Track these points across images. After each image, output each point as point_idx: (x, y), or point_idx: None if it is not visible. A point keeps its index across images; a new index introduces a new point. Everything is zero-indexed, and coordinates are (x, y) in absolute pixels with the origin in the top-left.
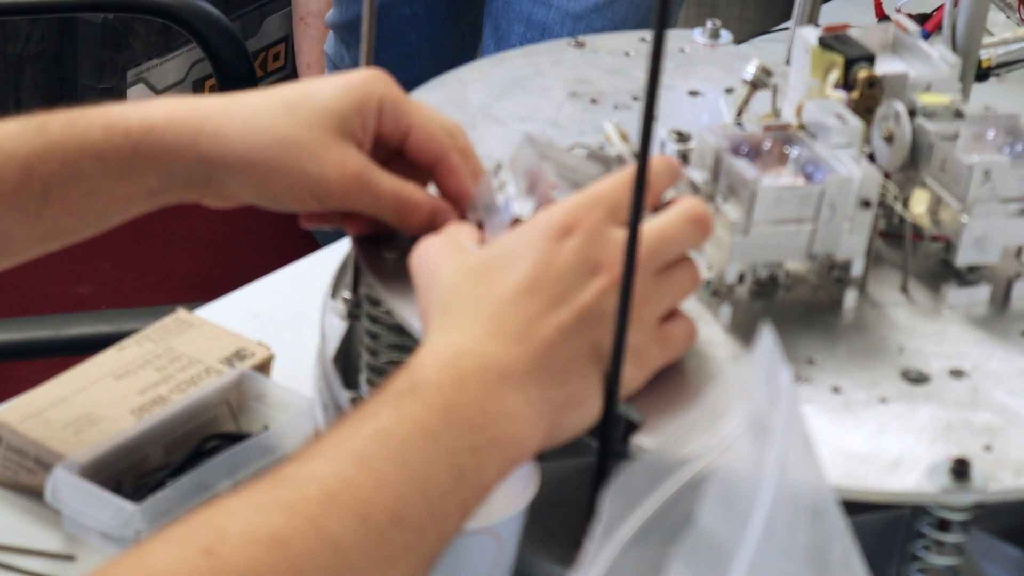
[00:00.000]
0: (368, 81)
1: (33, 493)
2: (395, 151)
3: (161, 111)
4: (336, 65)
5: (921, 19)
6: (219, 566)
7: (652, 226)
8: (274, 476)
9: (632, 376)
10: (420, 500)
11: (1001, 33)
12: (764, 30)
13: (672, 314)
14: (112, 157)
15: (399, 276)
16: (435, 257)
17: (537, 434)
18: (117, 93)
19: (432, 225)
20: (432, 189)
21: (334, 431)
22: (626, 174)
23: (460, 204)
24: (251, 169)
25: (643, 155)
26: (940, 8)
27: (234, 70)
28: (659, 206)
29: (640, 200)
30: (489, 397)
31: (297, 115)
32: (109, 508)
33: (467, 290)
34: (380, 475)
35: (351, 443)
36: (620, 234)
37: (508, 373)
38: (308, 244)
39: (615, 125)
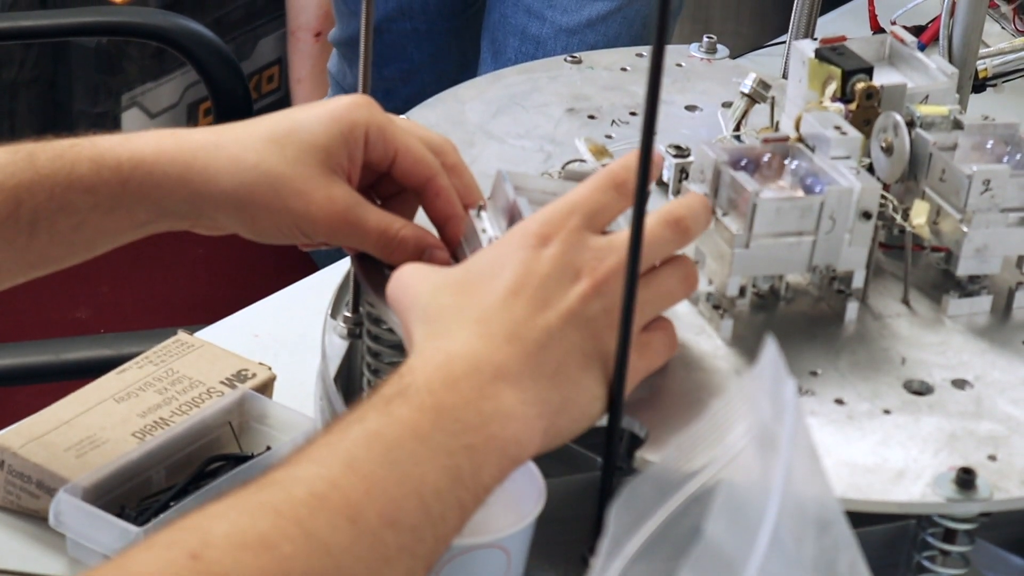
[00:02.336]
0: (353, 110)
1: (36, 517)
2: (384, 174)
3: (150, 145)
4: (339, 83)
5: (917, 31)
6: (205, 570)
7: (628, 233)
8: (261, 480)
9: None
10: (414, 501)
11: (996, 44)
12: (759, 44)
13: (654, 321)
14: (102, 191)
15: None
16: (411, 280)
17: (535, 434)
18: (111, 117)
19: (419, 259)
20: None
21: (322, 436)
22: (599, 179)
23: (448, 227)
24: (239, 205)
25: (642, 170)
26: (936, 19)
27: (229, 92)
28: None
29: (642, 204)
30: (483, 397)
31: (284, 152)
32: (112, 531)
33: (450, 300)
34: (369, 476)
35: (338, 446)
36: (598, 241)
37: (502, 372)
38: (307, 265)
39: (585, 140)
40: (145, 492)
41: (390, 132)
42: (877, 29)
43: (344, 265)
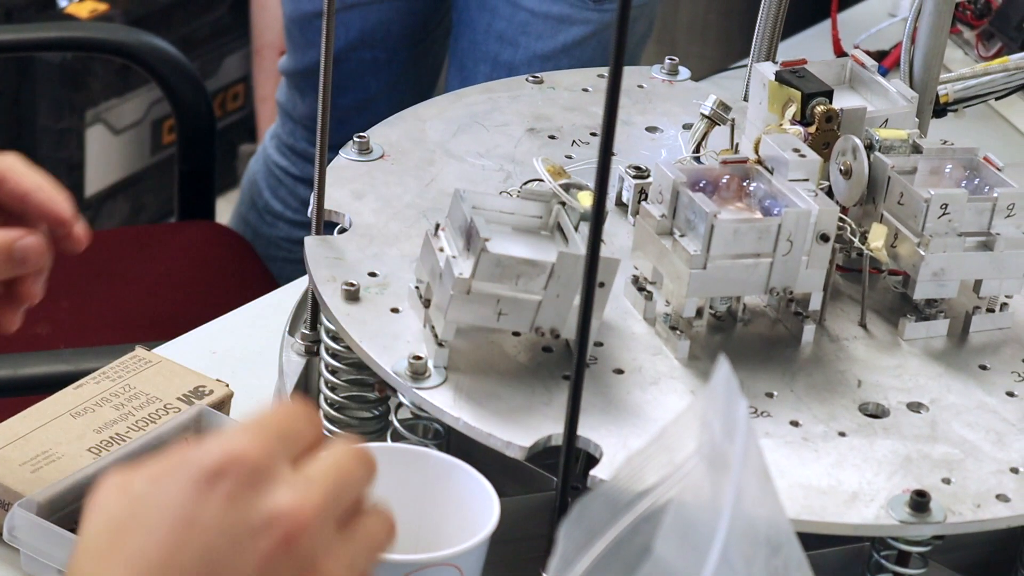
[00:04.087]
0: None
1: None
2: None
3: None
4: (288, 113)
5: (879, 56)
6: None
7: (321, 467)
8: None
9: None
10: None
11: (959, 70)
12: (723, 68)
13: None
14: None
15: (360, 312)
16: (98, 502)
17: None
18: (75, 134)
19: (13, 259)
20: None
21: None
22: (293, 407)
23: (32, 199)
24: None
25: (600, 190)
26: (898, 45)
27: (193, 110)
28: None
29: (599, 226)
30: None
31: None
32: (67, 546)
33: (94, 565)
34: None
35: None
36: (293, 474)
37: None
38: (267, 284)
39: (543, 161)
40: None
41: None
42: (841, 54)
43: (303, 284)
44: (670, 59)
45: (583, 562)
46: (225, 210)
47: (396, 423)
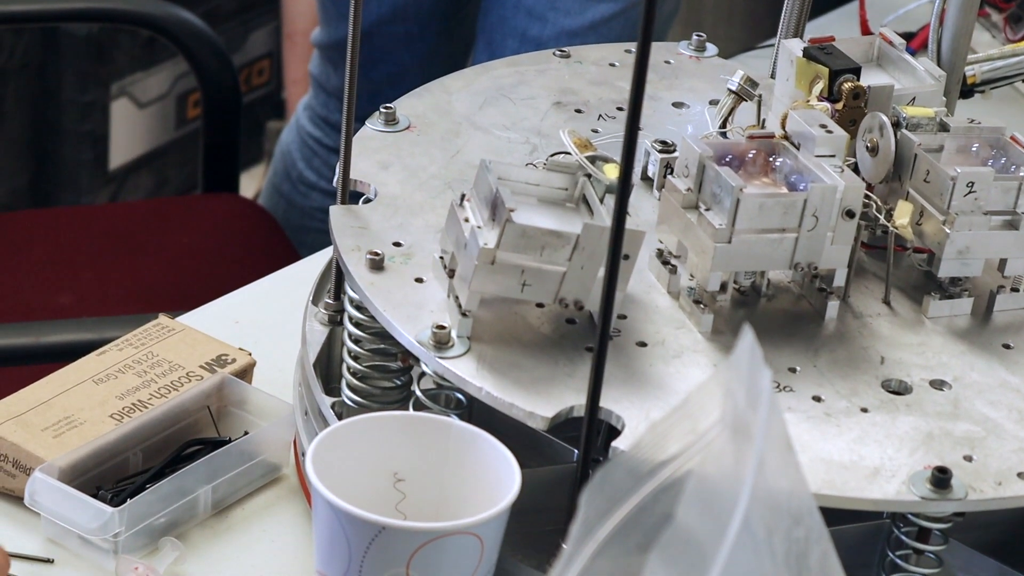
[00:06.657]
0: None
1: (12, 496)
2: None
3: None
4: (322, 85)
5: (907, 37)
6: None
7: None
8: None
9: None
10: None
11: (987, 51)
12: (750, 48)
13: None
14: None
15: (384, 282)
16: None
17: None
18: (100, 107)
19: None
20: None
21: None
22: None
23: None
24: None
25: (626, 164)
26: (926, 27)
27: (219, 84)
28: None
29: (624, 199)
30: None
31: None
32: (88, 511)
33: None
34: None
35: None
36: None
37: None
38: (290, 256)
39: (570, 133)
40: (121, 474)
41: None
42: (868, 35)
43: (326, 254)
44: (697, 35)
45: (604, 528)
46: (249, 185)
47: (419, 393)
